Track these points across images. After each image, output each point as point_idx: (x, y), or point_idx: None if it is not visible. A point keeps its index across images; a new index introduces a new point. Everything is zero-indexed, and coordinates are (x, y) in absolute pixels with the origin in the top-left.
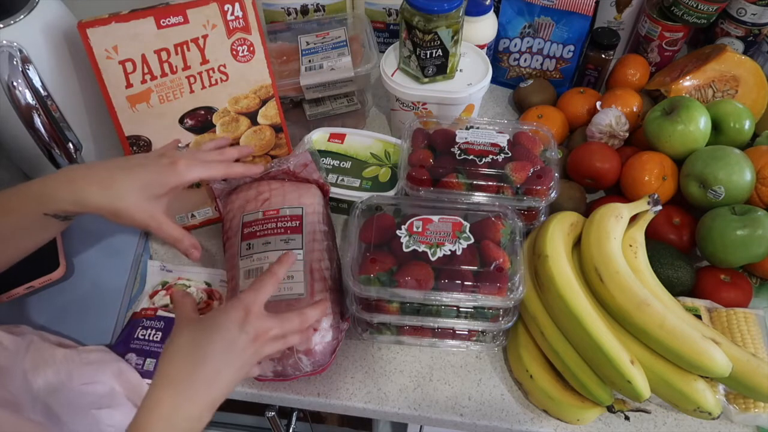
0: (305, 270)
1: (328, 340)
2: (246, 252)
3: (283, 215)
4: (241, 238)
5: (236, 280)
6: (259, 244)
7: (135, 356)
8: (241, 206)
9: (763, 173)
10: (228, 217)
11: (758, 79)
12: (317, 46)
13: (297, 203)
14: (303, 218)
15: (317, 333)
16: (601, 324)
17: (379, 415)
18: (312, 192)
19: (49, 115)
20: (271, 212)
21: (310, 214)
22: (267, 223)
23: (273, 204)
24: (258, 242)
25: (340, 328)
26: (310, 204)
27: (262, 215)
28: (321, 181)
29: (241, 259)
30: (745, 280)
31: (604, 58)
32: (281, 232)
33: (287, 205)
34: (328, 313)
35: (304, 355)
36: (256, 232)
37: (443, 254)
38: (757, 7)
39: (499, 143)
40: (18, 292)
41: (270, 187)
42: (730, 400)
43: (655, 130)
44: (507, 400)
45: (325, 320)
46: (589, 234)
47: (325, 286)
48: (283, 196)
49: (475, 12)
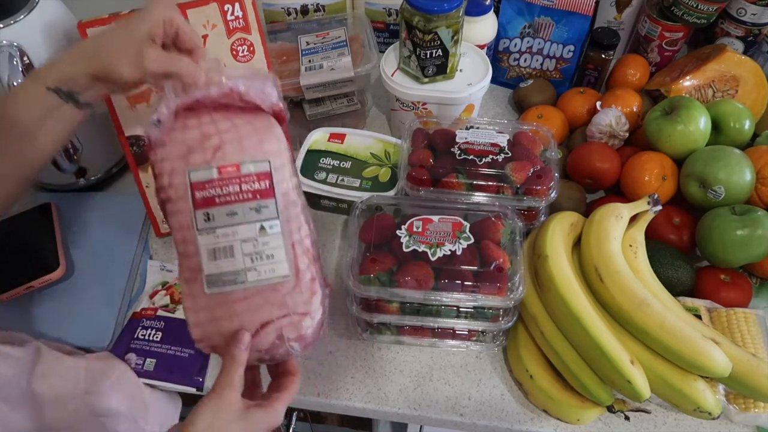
0: (285, 245)
1: (318, 318)
2: (206, 225)
3: (247, 174)
4: (193, 205)
5: (196, 259)
6: (221, 215)
7: (135, 356)
8: (182, 155)
9: (763, 173)
10: (163, 167)
11: (758, 79)
12: (317, 46)
13: (261, 154)
14: (272, 176)
15: (307, 317)
16: (601, 324)
17: (379, 415)
18: (273, 132)
19: None
20: (229, 169)
21: (279, 168)
22: (227, 185)
23: (229, 156)
24: (220, 212)
25: (325, 299)
26: (276, 152)
27: (218, 173)
28: (278, 107)
29: (200, 234)
30: (745, 280)
31: (604, 58)
32: (248, 198)
33: (249, 157)
34: (316, 291)
35: (296, 342)
36: (215, 198)
37: (443, 254)
38: (757, 7)
39: (499, 143)
40: (18, 291)
41: (217, 128)
42: (730, 400)
43: (655, 130)
44: (507, 400)
45: (314, 300)
46: (589, 234)
47: (309, 258)
48: (238, 142)
49: (475, 12)
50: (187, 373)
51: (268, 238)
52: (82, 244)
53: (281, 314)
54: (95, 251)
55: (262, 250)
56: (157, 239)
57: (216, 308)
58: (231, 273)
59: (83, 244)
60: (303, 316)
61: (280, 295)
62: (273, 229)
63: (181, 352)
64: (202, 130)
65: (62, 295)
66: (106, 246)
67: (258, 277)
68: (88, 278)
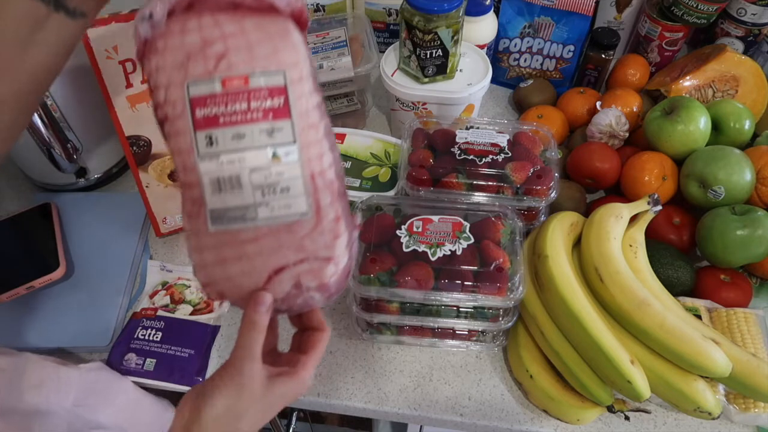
0: (303, 176)
1: (342, 265)
2: (208, 149)
3: (257, 88)
4: (193, 125)
5: (199, 190)
6: (226, 138)
7: (135, 356)
8: (180, 64)
9: (763, 173)
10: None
11: (758, 79)
12: (317, 46)
13: (274, 65)
14: (288, 92)
15: (330, 263)
16: (601, 324)
17: (379, 415)
18: (290, 38)
19: (49, 115)
20: (235, 82)
21: (296, 82)
22: (233, 101)
23: (235, 66)
24: (224, 134)
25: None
26: (293, 63)
27: (221, 87)
28: (298, 6)
29: (201, 161)
30: (745, 280)
31: (604, 58)
32: (259, 119)
33: (259, 68)
34: (341, 233)
35: (317, 292)
36: (218, 117)
37: (443, 254)
38: (757, 7)
39: (499, 143)
40: (18, 291)
41: (222, 32)
42: (730, 400)
43: (655, 130)
44: (507, 400)
45: (338, 244)
46: (589, 234)
47: (332, 193)
48: (247, 49)
49: (475, 12)
50: (187, 373)
51: (282, 167)
52: (82, 244)
53: (298, 259)
54: (95, 251)
55: (275, 181)
56: (157, 239)
57: (223, 248)
58: (238, 208)
59: (83, 244)
60: (325, 262)
61: (296, 237)
62: (288, 157)
63: (181, 352)
64: (203, 35)
65: (62, 295)
66: (106, 246)
67: (270, 214)
68: (88, 278)
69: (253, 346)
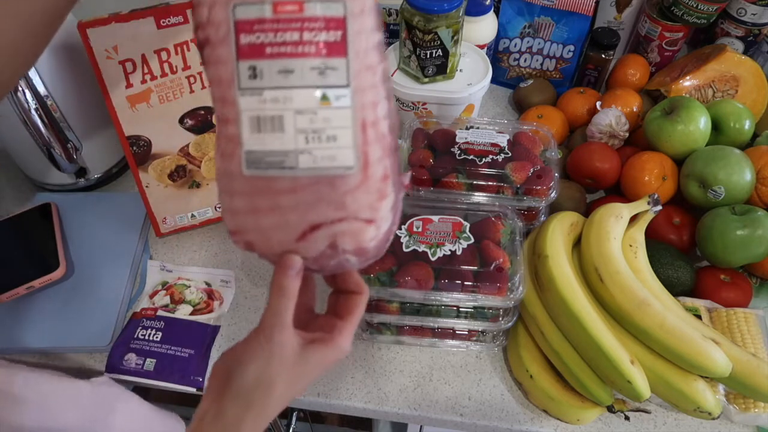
0: (354, 125)
1: (385, 229)
2: (250, 83)
3: (313, 17)
4: (237, 53)
5: (236, 128)
6: (272, 73)
7: (135, 356)
8: None
9: (763, 173)
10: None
11: (758, 79)
12: None
13: None
14: (347, 25)
15: (371, 226)
16: (601, 324)
17: (379, 415)
18: None
19: (49, 115)
20: (288, 7)
21: (357, 15)
22: (283, 30)
23: None
24: (271, 68)
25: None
26: None
27: (272, 11)
28: None
29: (242, 95)
30: (745, 280)
31: (604, 58)
32: (311, 53)
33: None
34: (388, 193)
35: (354, 255)
36: (265, 46)
37: (443, 254)
38: (757, 7)
39: (499, 143)
40: (18, 292)
41: None
42: (730, 400)
43: (655, 130)
44: (507, 400)
45: (383, 205)
46: (589, 234)
47: (383, 148)
48: None
49: (475, 12)
50: (187, 373)
51: (331, 112)
52: (82, 244)
53: (337, 217)
54: (95, 251)
55: (321, 127)
56: (157, 239)
57: (256, 196)
58: (278, 153)
59: (83, 244)
60: (366, 224)
61: (338, 193)
62: (339, 101)
63: (181, 353)
64: None
65: (62, 295)
66: (106, 246)
67: (312, 164)
68: (88, 278)
69: (282, 313)
